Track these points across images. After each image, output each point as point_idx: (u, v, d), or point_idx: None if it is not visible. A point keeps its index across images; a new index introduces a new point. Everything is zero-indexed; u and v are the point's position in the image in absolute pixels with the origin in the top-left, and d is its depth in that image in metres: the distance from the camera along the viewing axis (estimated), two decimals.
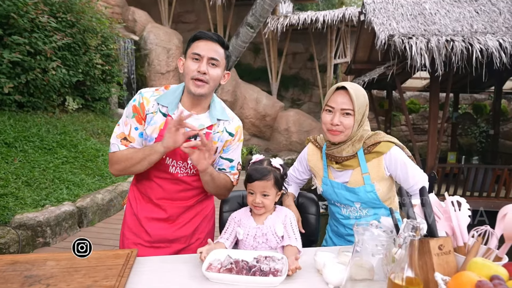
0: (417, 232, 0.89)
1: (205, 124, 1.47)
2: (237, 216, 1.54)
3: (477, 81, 7.55)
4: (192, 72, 1.39)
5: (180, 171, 1.49)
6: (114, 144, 1.46)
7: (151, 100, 1.45)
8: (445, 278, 0.85)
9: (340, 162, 1.54)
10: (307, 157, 1.71)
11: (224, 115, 1.54)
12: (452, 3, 6.61)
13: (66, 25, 5.36)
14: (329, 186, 1.58)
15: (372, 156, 1.50)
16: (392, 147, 1.50)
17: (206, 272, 1.11)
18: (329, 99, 1.49)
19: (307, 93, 12.21)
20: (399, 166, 1.50)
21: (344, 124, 1.46)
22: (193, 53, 1.39)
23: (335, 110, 1.46)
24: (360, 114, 1.46)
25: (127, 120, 1.47)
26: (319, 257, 1.23)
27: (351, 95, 1.43)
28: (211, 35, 1.42)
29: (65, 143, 5.07)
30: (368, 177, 1.49)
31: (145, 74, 10.17)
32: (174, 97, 1.46)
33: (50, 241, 3.53)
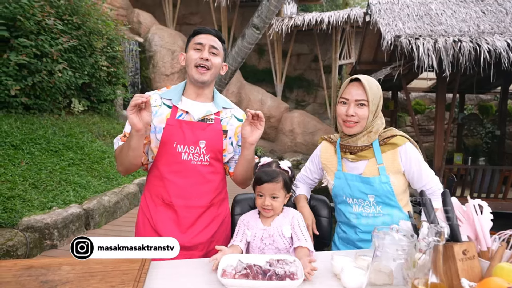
0: (442, 237, 0.87)
1: (212, 110, 1.53)
2: (246, 219, 1.53)
3: (483, 82, 7.50)
4: (195, 60, 1.47)
5: (194, 158, 1.48)
6: (115, 142, 1.54)
7: (154, 96, 1.52)
8: (471, 284, 0.83)
9: (355, 152, 1.54)
10: (319, 154, 1.71)
11: (228, 104, 1.62)
12: (458, 4, 6.57)
13: (72, 27, 5.38)
14: (343, 179, 1.57)
15: (387, 148, 1.51)
16: (407, 141, 1.52)
17: (222, 279, 1.09)
18: (344, 91, 1.52)
19: (311, 94, 12.19)
20: (414, 162, 1.50)
21: (359, 114, 1.48)
22: (195, 43, 1.48)
23: (350, 101, 1.49)
24: (374, 104, 1.48)
25: None
26: (336, 261, 1.21)
27: (364, 86, 1.45)
28: (210, 29, 1.52)
29: (71, 145, 5.09)
30: (383, 168, 1.49)
31: (149, 76, 10.20)
32: (177, 90, 1.54)
33: (58, 244, 3.53)
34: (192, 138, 1.47)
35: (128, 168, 1.49)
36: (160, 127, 1.47)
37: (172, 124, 1.46)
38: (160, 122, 1.48)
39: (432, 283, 0.85)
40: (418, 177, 1.51)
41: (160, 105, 1.50)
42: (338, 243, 1.66)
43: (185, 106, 1.51)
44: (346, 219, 1.60)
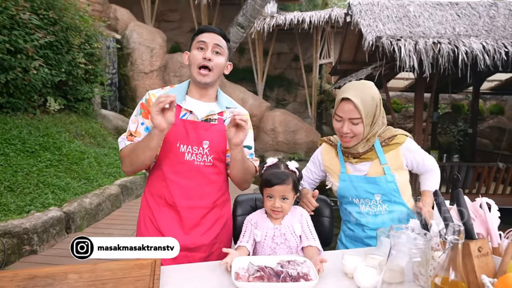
0: (461, 236, 0.89)
1: (215, 110, 1.52)
2: (253, 219, 1.52)
3: (455, 82, 7.81)
4: (197, 60, 1.45)
5: (197, 159, 1.46)
6: (121, 142, 1.49)
7: (157, 95, 1.49)
8: (491, 281, 0.85)
9: (358, 156, 1.56)
10: (321, 156, 1.72)
11: (232, 103, 1.61)
12: (435, 6, 6.80)
13: (48, 22, 5.14)
14: (348, 181, 1.59)
15: (390, 148, 1.54)
16: (408, 138, 1.58)
17: (238, 282, 1.07)
18: (337, 108, 1.52)
19: (292, 93, 12.28)
20: (416, 153, 1.58)
21: (354, 131, 1.49)
22: (199, 41, 1.46)
23: (344, 119, 1.49)
24: (369, 117, 1.48)
25: (135, 118, 1.51)
26: (347, 261, 1.21)
27: (356, 104, 1.44)
28: (214, 28, 1.50)
29: (48, 146, 4.87)
30: (388, 168, 1.52)
31: (127, 74, 9.94)
32: (181, 89, 1.53)
33: (38, 249, 3.37)
34: (196, 138, 1.46)
35: (138, 168, 1.45)
36: None
37: (176, 124, 1.42)
38: None
39: (452, 281, 0.87)
40: (422, 165, 1.60)
41: None
42: (345, 241, 1.67)
43: (189, 105, 1.49)
44: (354, 219, 1.62)
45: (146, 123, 1.49)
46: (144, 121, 1.49)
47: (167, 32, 11.15)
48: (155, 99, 1.29)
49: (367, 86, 1.52)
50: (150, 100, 1.49)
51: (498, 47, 4.67)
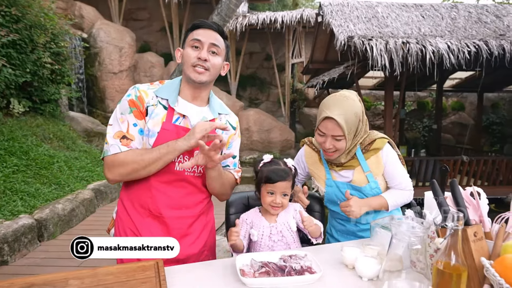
0: (460, 222, 0.94)
1: (207, 117, 1.41)
2: (248, 218, 1.52)
3: (421, 80, 8.19)
4: (192, 59, 1.34)
5: (187, 169, 1.38)
6: (113, 145, 1.30)
7: (149, 93, 1.36)
8: (490, 262, 0.91)
9: (340, 165, 1.59)
10: (305, 159, 1.73)
11: (224, 109, 1.51)
12: (401, 8, 7.09)
13: (10, 20, 4.85)
14: (334, 187, 1.62)
15: (370, 154, 1.57)
16: (386, 142, 1.58)
17: (245, 279, 1.08)
18: (320, 124, 1.50)
19: (264, 93, 12.35)
20: (390, 162, 1.57)
21: (337, 146, 1.50)
22: (193, 39, 1.35)
23: (327, 135, 1.49)
24: (351, 132, 1.50)
25: (122, 116, 1.33)
26: (347, 252, 1.25)
27: (339, 123, 1.44)
28: (211, 23, 1.38)
29: (14, 150, 4.61)
30: (371, 175, 1.56)
31: (95, 74, 9.59)
32: (173, 89, 1.39)
33: (8, 259, 3.19)
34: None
35: (132, 178, 1.33)
36: (154, 130, 1.32)
37: (168, 129, 1.32)
38: (154, 125, 1.32)
39: (454, 265, 0.92)
40: (392, 176, 1.58)
41: (156, 105, 1.34)
42: (336, 236, 1.71)
43: (183, 109, 1.37)
44: (344, 217, 1.65)
45: (140, 125, 1.33)
46: (137, 122, 1.32)
47: (136, 31, 10.86)
48: (203, 126, 1.24)
49: (351, 100, 1.49)
50: (142, 97, 1.34)
51: (462, 46, 4.96)
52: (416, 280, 1.00)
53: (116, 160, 1.30)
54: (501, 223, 1.06)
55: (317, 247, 1.45)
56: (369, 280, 1.15)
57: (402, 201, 1.61)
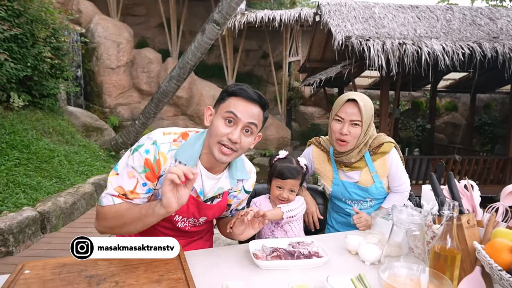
0: (455, 210, 1.05)
1: (224, 187, 1.31)
2: (258, 201, 1.66)
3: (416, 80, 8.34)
4: (221, 136, 1.17)
5: (188, 225, 1.37)
6: (107, 196, 1.20)
7: (168, 157, 1.22)
8: (481, 246, 1.02)
9: (349, 165, 1.69)
10: (312, 159, 1.82)
11: (245, 173, 1.37)
12: (397, 9, 7.22)
13: (12, 14, 4.87)
14: (341, 186, 1.72)
15: (377, 157, 1.66)
16: (393, 147, 1.68)
17: (259, 261, 1.17)
18: (339, 109, 1.58)
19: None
20: (395, 165, 1.68)
21: (352, 133, 1.57)
22: (230, 112, 1.16)
23: (345, 120, 1.57)
24: (366, 124, 1.59)
25: (133, 172, 1.21)
26: (350, 239, 1.35)
27: (360, 107, 1.54)
28: (253, 94, 1.19)
29: (15, 144, 4.65)
30: (376, 176, 1.66)
31: (93, 69, 9.59)
32: (194, 151, 1.24)
33: (14, 250, 3.25)
34: (195, 214, 1.32)
35: (120, 234, 1.26)
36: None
37: None
38: None
39: (449, 248, 1.03)
40: (393, 178, 1.69)
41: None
42: (337, 227, 1.82)
43: (198, 181, 1.27)
44: (346, 211, 1.77)
45: (149, 185, 1.23)
46: (147, 182, 1.22)
47: (133, 26, 10.86)
48: (170, 170, 1.03)
49: (367, 98, 1.61)
50: (160, 162, 1.21)
51: (456, 48, 5.10)
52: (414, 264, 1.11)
53: (101, 212, 1.21)
54: (491, 212, 1.17)
55: (321, 236, 1.56)
56: (371, 264, 1.25)
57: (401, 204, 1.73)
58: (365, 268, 1.23)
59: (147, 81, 10.21)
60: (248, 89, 1.20)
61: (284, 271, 1.18)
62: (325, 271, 1.16)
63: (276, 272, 1.17)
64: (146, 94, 10.11)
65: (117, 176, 1.22)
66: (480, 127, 11.03)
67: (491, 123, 11.06)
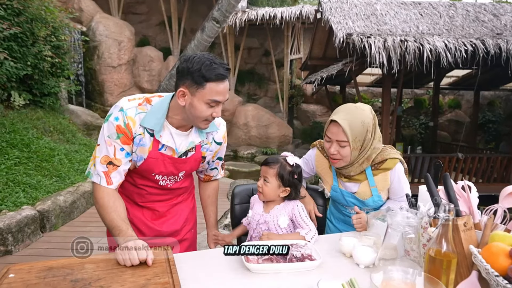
0: (451, 213, 1.01)
1: (195, 141, 1.44)
2: (253, 200, 1.67)
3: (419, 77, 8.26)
4: (206, 117, 1.31)
5: (170, 182, 1.50)
6: (97, 175, 1.33)
7: (136, 121, 1.33)
8: (478, 250, 0.98)
9: (348, 177, 1.65)
10: (314, 163, 1.78)
11: (213, 126, 1.46)
12: (400, 5, 7.14)
13: (12, 13, 4.86)
14: (339, 193, 1.69)
15: (379, 172, 1.61)
16: (397, 163, 1.61)
17: (249, 264, 1.15)
18: (327, 129, 1.55)
19: (263, 88, 12.40)
20: (396, 180, 1.62)
21: (341, 153, 1.53)
22: (213, 100, 1.26)
23: (332, 140, 1.53)
24: (357, 142, 1.51)
25: (109, 140, 1.32)
26: (345, 241, 1.32)
27: (343, 128, 1.47)
28: (225, 72, 1.27)
29: (16, 143, 4.65)
30: (375, 189, 1.62)
31: (94, 68, 9.60)
32: (159, 117, 1.34)
33: (13, 249, 3.25)
34: (173, 171, 1.45)
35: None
36: (141, 156, 1.38)
37: (154, 157, 1.38)
38: (142, 152, 1.37)
39: (444, 252, 1.00)
40: (394, 191, 1.65)
41: (143, 133, 1.35)
42: (336, 224, 1.79)
43: (168, 139, 1.38)
44: (344, 213, 1.76)
45: (127, 149, 1.35)
46: (124, 147, 1.34)
47: (135, 25, 10.85)
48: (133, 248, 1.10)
49: (360, 110, 1.53)
50: (130, 126, 1.32)
51: (459, 45, 5.03)
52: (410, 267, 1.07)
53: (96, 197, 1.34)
54: (489, 214, 1.14)
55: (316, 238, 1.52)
56: (365, 267, 1.22)
57: None
58: (359, 271, 1.20)
59: (148, 79, 10.21)
60: (220, 67, 1.25)
61: (276, 275, 1.15)
62: (317, 275, 1.13)
63: (267, 275, 1.14)
64: (147, 92, 10.05)
65: (99, 147, 1.34)
66: (484, 124, 10.93)
67: (495, 120, 10.95)
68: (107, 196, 1.31)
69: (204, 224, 1.75)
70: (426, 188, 1.33)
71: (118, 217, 1.27)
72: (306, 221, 1.54)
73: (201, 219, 1.77)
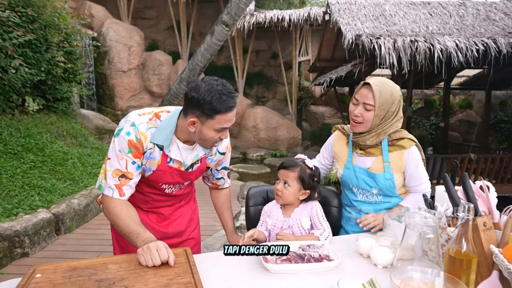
0: (471, 213, 1.01)
1: (199, 154, 1.50)
2: (268, 209, 1.63)
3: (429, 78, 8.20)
4: (214, 140, 1.39)
5: (175, 190, 1.57)
6: (109, 188, 1.36)
7: (148, 136, 1.38)
8: (499, 249, 0.98)
9: (364, 149, 1.66)
10: (332, 142, 1.83)
11: None
12: (409, 6, 7.10)
13: (26, 20, 4.98)
14: (351, 170, 1.70)
15: (394, 149, 1.63)
16: (413, 145, 1.63)
17: (268, 265, 1.16)
18: (356, 91, 1.62)
19: (271, 90, 12.42)
20: (413, 163, 1.62)
21: (364, 116, 1.58)
22: (222, 128, 1.34)
23: (359, 102, 1.59)
24: (382, 109, 1.56)
25: (121, 154, 1.36)
26: (362, 242, 1.33)
27: (373, 91, 1.54)
28: (234, 103, 1.32)
29: (30, 147, 4.74)
30: (388, 166, 1.62)
31: (105, 72, 9.74)
32: (167, 133, 1.39)
33: (29, 252, 3.31)
34: (179, 181, 1.53)
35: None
36: (150, 168, 1.44)
37: (162, 170, 1.45)
38: (151, 164, 1.44)
39: (464, 252, 1.00)
40: (411, 176, 1.64)
41: (154, 147, 1.41)
42: (345, 226, 1.80)
43: (176, 153, 1.44)
44: (351, 204, 1.76)
45: (138, 163, 1.40)
46: (136, 160, 1.39)
47: (144, 29, 10.99)
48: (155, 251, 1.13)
49: (391, 83, 1.60)
50: (141, 141, 1.37)
51: (470, 45, 4.98)
52: (429, 267, 1.07)
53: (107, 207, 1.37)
54: (509, 214, 1.13)
55: (332, 238, 1.52)
56: (383, 268, 1.22)
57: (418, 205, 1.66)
58: (377, 271, 1.20)
59: (158, 83, 10.31)
60: (229, 98, 1.28)
61: (294, 275, 1.16)
62: (336, 275, 1.14)
63: (286, 276, 1.16)
64: (157, 96, 10.20)
65: (110, 161, 1.38)
66: (496, 124, 10.77)
67: (508, 120, 10.78)
68: (120, 204, 1.35)
69: (215, 227, 1.78)
70: (443, 189, 1.34)
71: (134, 222, 1.32)
72: (321, 221, 1.54)
73: (213, 222, 1.80)
